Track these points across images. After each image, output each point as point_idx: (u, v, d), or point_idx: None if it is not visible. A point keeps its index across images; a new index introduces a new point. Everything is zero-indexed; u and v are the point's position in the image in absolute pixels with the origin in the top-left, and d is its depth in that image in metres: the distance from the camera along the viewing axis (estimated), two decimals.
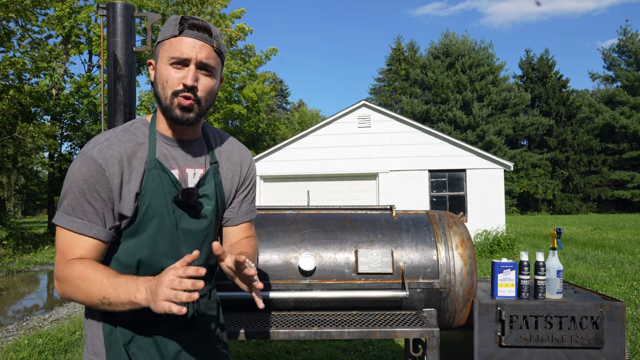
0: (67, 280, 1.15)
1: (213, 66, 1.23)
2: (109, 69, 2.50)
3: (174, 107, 1.21)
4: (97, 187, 1.17)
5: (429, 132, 12.53)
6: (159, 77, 1.23)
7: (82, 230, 1.17)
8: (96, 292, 1.11)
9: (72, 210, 1.17)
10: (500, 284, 2.27)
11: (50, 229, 18.71)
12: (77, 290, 1.14)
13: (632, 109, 37.77)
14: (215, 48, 1.23)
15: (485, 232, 11.83)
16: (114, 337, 1.24)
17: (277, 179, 12.91)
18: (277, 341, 4.59)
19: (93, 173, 1.17)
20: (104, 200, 1.18)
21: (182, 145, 1.31)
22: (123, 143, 1.23)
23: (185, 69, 1.20)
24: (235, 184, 1.43)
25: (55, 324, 5.78)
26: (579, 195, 39.20)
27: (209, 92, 1.24)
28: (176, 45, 1.19)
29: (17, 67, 13.17)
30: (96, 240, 1.19)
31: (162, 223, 1.24)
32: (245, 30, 21.27)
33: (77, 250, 1.18)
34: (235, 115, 23.64)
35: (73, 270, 1.15)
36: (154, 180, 1.23)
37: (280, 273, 2.27)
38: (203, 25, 1.21)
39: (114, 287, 1.09)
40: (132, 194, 1.21)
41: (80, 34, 17.18)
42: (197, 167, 1.32)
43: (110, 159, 1.19)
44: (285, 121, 39.39)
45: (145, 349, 1.26)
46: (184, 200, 1.24)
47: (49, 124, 16.15)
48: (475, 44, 39.92)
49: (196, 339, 1.35)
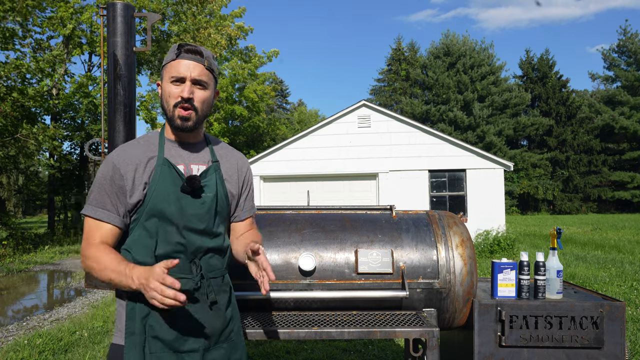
0: (86, 258, 1.44)
1: (206, 81, 1.52)
2: (109, 69, 2.50)
3: (175, 118, 1.51)
4: (112, 183, 1.47)
5: (429, 132, 12.53)
6: (163, 93, 1.53)
7: (102, 217, 1.47)
8: (103, 275, 1.39)
9: (95, 202, 1.48)
10: (500, 284, 2.27)
11: (50, 229, 18.71)
12: (91, 269, 1.43)
13: (632, 109, 37.76)
14: (206, 67, 1.52)
15: (485, 232, 11.82)
16: (134, 311, 1.46)
17: (277, 179, 12.91)
18: (277, 341, 4.59)
19: (110, 172, 1.48)
20: (117, 194, 1.47)
21: (186, 146, 1.59)
22: (138, 147, 1.54)
23: (183, 85, 1.49)
24: (240, 184, 1.70)
25: (55, 324, 5.78)
26: (579, 196, 39.20)
27: (204, 101, 1.53)
28: (175, 67, 1.50)
29: (21, 70, 13.19)
30: (112, 226, 1.47)
31: (169, 208, 1.47)
32: (245, 30, 21.26)
33: (97, 233, 1.46)
34: (236, 116, 23.65)
35: (91, 251, 1.44)
36: (162, 173, 1.50)
37: (280, 273, 2.27)
38: (196, 49, 1.52)
39: (116, 273, 1.36)
40: (142, 184, 1.48)
41: (82, 34, 17.17)
42: (201, 164, 1.59)
43: (125, 159, 1.49)
44: (285, 121, 39.37)
45: (160, 323, 1.45)
46: (188, 184, 1.48)
47: (52, 127, 16.15)
48: (476, 44, 39.93)
49: (208, 316, 1.52)
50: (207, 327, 1.51)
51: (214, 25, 19.24)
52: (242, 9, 21.49)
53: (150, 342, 1.45)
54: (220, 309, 1.56)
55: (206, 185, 1.55)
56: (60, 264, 11.47)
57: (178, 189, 1.49)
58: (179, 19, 18.11)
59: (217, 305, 1.55)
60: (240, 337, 1.65)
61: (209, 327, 1.51)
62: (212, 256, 1.55)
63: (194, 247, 1.50)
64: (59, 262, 11.88)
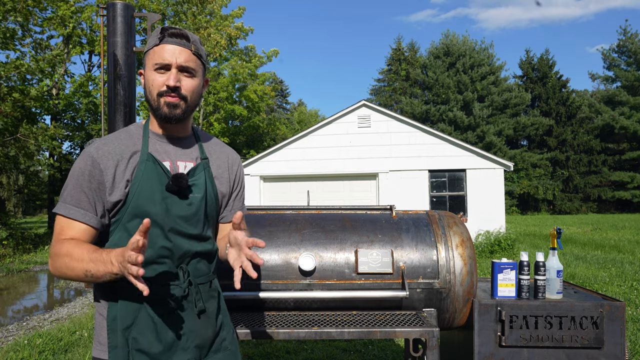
0: (57, 257, 1.27)
1: (193, 68, 1.37)
2: (109, 69, 2.50)
3: (161, 107, 1.35)
4: (91, 179, 1.32)
5: (429, 132, 12.52)
6: (146, 82, 1.38)
7: (76, 216, 1.31)
8: (79, 267, 1.23)
9: (70, 199, 1.32)
10: (500, 284, 2.27)
11: (50, 229, 18.71)
12: (64, 266, 1.26)
13: (632, 109, 37.74)
14: (193, 52, 1.37)
15: (485, 232, 11.82)
16: (115, 322, 1.33)
17: (277, 179, 12.91)
18: (277, 341, 4.59)
19: (89, 167, 1.32)
20: (96, 191, 1.32)
21: (173, 141, 1.45)
22: (119, 141, 1.38)
23: (168, 73, 1.35)
24: (231, 183, 1.56)
25: (55, 324, 5.78)
26: (579, 196, 39.18)
27: (193, 90, 1.38)
28: (159, 53, 1.35)
29: (22, 70, 13.19)
30: (87, 226, 1.32)
31: (154, 209, 1.33)
32: (245, 30, 21.24)
33: (70, 232, 1.31)
34: (236, 116, 23.64)
35: (62, 248, 1.27)
36: (145, 170, 1.35)
37: (280, 273, 2.27)
38: (181, 32, 1.36)
39: (93, 262, 1.21)
40: (123, 182, 1.34)
41: (82, 34, 17.17)
42: (188, 161, 1.44)
43: (106, 154, 1.34)
44: (285, 121, 39.37)
45: (145, 334, 1.33)
46: (174, 184, 1.34)
47: (53, 127, 16.15)
48: (476, 44, 39.92)
49: (197, 325, 1.40)
50: (196, 337, 1.39)
51: (214, 25, 19.24)
52: (242, 9, 21.48)
53: (135, 355, 1.32)
54: (210, 317, 1.45)
55: (194, 184, 1.41)
56: None
57: (164, 187, 1.35)
58: (179, 19, 18.13)
59: (206, 313, 1.43)
60: (235, 345, 1.54)
61: (198, 337, 1.40)
62: (199, 261, 1.43)
63: (181, 252, 1.37)
64: None
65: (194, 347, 1.39)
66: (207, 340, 1.43)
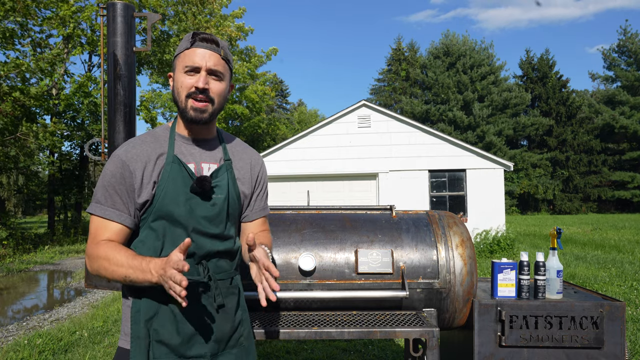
0: (95, 259, 1.34)
1: (222, 72, 1.44)
2: (109, 69, 2.50)
3: (188, 109, 1.42)
4: (123, 181, 1.38)
5: (429, 132, 12.53)
6: (175, 84, 1.44)
7: (111, 216, 1.38)
8: (118, 271, 1.30)
9: (104, 200, 1.39)
10: (500, 284, 2.27)
11: (50, 229, 18.71)
12: (102, 269, 1.33)
13: (632, 109, 37.76)
14: (222, 57, 1.44)
15: (485, 232, 11.82)
16: (139, 314, 1.39)
17: (277, 179, 12.91)
18: (277, 341, 4.59)
19: (120, 169, 1.39)
20: (128, 192, 1.39)
21: (198, 143, 1.50)
22: (146, 144, 1.44)
23: (197, 75, 1.40)
24: (253, 183, 1.61)
25: (55, 324, 5.78)
26: (579, 195, 39.20)
27: (220, 94, 1.45)
28: (189, 56, 1.41)
29: (21, 70, 13.18)
30: (122, 226, 1.39)
31: (178, 209, 1.39)
32: (245, 30, 21.23)
33: (106, 233, 1.38)
34: (236, 116, 23.64)
35: (100, 250, 1.34)
36: (171, 172, 1.41)
37: (280, 273, 2.26)
38: (211, 38, 1.43)
39: (133, 269, 1.28)
40: (151, 183, 1.40)
41: (82, 34, 17.15)
42: (212, 163, 1.50)
43: (134, 156, 1.40)
44: (285, 121, 39.38)
45: (166, 326, 1.39)
46: (198, 186, 1.40)
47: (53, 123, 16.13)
48: (476, 44, 39.93)
49: (215, 320, 1.45)
50: (214, 331, 1.43)
51: (214, 25, 19.23)
52: (242, 9, 21.47)
53: (155, 346, 1.38)
54: (229, 313, 1.48)
55: (217, 186, 1.46)
56: (60, 264, 11.46)
57: (188, 189, 1.41)
58: (179, 19, 18.11)
59: (225, 309, 1.47)
60: (251, 342, 1.57)
61: (216, 331, 1.44)
62: (220, 259, 1.48)
63: (204, 251, 1.42)
64: (59, 262, 11.87)
65: (212, 341, 1.43)
66: (225, 335, 1.47)
